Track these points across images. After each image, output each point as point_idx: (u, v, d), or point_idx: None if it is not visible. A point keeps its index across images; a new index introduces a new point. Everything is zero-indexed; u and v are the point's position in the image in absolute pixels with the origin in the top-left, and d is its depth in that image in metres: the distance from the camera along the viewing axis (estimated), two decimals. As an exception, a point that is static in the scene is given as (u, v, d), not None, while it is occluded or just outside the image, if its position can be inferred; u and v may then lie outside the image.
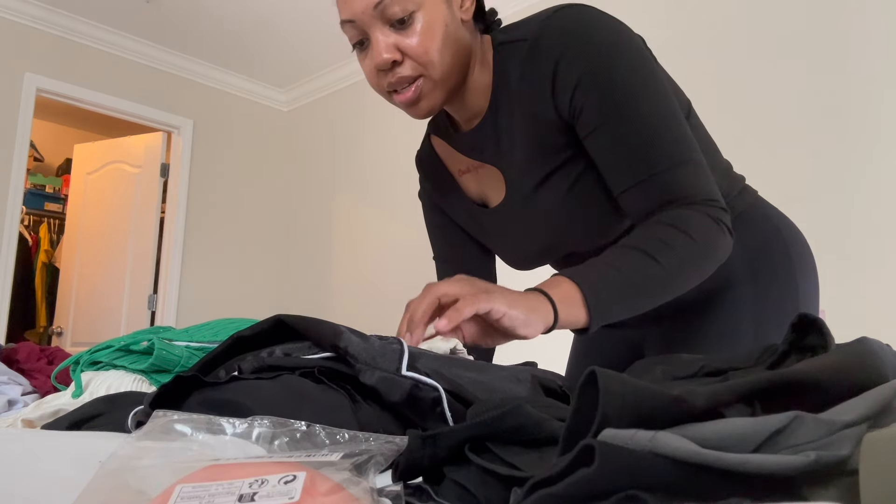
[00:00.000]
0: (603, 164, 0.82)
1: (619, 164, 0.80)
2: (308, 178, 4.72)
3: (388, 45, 0.82)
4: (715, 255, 0.79)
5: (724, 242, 0.79)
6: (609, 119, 0.79)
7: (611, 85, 0.79)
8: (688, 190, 0.78)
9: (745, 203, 0.94)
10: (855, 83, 2.36)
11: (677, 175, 0.78)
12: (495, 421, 0.39)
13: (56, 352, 1.42)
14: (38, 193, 5.34)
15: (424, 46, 0.82)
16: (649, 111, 0.79)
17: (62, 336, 4.41)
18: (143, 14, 3.90)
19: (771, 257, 0.91)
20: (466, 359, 0.71)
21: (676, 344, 0.93)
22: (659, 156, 0.78)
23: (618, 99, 0.79)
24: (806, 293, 0.91)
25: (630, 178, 0.79)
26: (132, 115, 4.25)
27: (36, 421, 0.89)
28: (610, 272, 0.74)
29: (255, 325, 0.66)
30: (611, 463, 0.27)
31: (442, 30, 0.82)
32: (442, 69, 0.83)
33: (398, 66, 0.83)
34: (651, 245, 0.75)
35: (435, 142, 1.06)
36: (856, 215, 2.29)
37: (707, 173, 0.80)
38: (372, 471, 0.38)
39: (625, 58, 0.81)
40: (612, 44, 0.81)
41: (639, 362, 0.56)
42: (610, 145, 0.80)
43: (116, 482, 0.37)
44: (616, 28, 0.83)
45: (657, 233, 0.76)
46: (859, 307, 2.21)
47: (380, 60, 0.82)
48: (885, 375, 0.33)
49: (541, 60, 0.82)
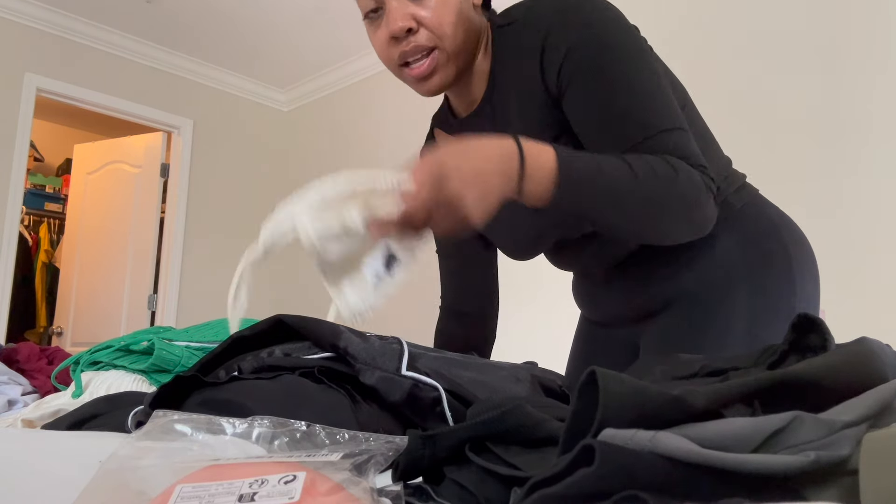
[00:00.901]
0: (589, 135, 0.81)
1: (607, 133, 0.79)
2: (308, 178, 4.71)
3: (405, 14, 0.83)
4: (691, 204, 0.77)
5: (706, 201, 0.78)
6: (597, 89, 0.79)
7: (598, 56, 0.79)
8: (681, 151, 0.77)
9: (743, 199, 0.93)
10: (855, 83, 2.36)
11: (669, 138, 0.77)
12: (495, 421, 0.39)
13: (56, 352, 1.42)
14: (38, 193, 5.33)
15: (440, 18, 0.83)
16: (637, 81, 0.79)
17: (62, 336, 4.41)
18: (143, 14, 3.90)
19: (768, 255, 0.90)
20: (466, 358, 0.71)
21: (672, 340, 0.92)
22: (649, 121, 0.78)
23: (605, 69, 0.79)
24: (804, 292, 0.90)
25: (621, 144, 0.78)
26: (132, 115, 4.24)
27: (36, 421, 0.89)
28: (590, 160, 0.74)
29: (255, 326, 0.66)
30: (611, 463, 0.27)
31: (457, 6, 0.84)
32: (455, 43, 0.85)
33: (413, 35, 0.84)
34: (636, 162, 0.74)
35: (438, 134, 1.06)
36: (856, 215, 2.29)
37: (695, 144, 0.80)
38: (372, 471, 0.38)
39: (612, 31, 0.81)
40: (599, 19, 0.81)
41: (638, 362, 0.56)
42: (597, 115, 0.80)
43: (116, 482, 0.37)
44: (604, 5, 0.83)
45: (648, 159, 0.75)
46: (859, 307, 2.21)
47: (395, 28, 0.83)
48: (885, 375, 0.33)
49: (531, 38, 0.83)
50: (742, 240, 0.89)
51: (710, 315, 0.89)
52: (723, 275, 0.89)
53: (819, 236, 2.55)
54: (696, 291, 0.89)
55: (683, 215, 0.79)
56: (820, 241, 2.54)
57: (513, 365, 0.75)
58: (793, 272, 0.90)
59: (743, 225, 0.90)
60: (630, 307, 0.98)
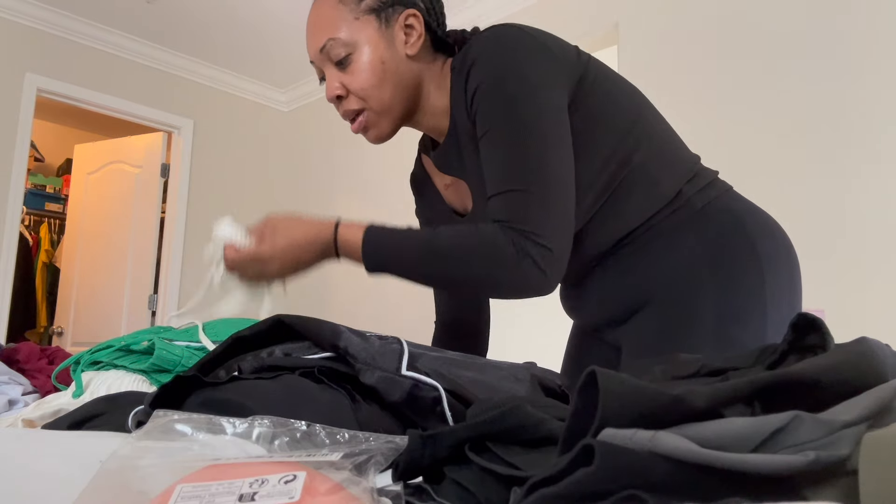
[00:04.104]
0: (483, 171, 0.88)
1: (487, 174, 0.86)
2: (308, 178, 4.72)
3: (334, 84, 0.94)
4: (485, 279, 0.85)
5: (511, 273, 0.82)
6: (487, 131, 0.86)
7: (495, 99, 0.85)
8: (519, 215, 0.82)
9: (708, 197, 0.93)
10: (859, 81, 2.36)
11: (510, 200, 0.83)
12: (495, 420, 0.39)
13: (56, 352, 1.42)
14: (38, 193, 5.33)
15: (361, 83, 0.93)
16: (511, 133, 0.84)
17: (62, 336, 4.41)
18: (143, 14, 3.90)
19: (733, 252, 0.90)
20: (466, 358, 0.71)
21: (647, 343, 0.93)
22: (505, 176, 0.84)
23: (490, 117, 0.85)
24: (775, 284, 0.89)
25: (488, 191, 0.86)
26: (132, 115, 4.24)
27: (36, 421, 0.89)
28: (396, 240, 0.88)
29: (255, 326, 0.66)
30: (610, 463, 0.27)
31: (380, 67, 0.93)
32: (381, 102, 0.94)
33: (344, 100, 0.95)
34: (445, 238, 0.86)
35: (424, 160, 1.13)
36: (855, 214, 2.29)
37: (548, 205, 0.83)
38: (372, 471, 0.38)
39: (516, 74, 0.85)
40: (512, 59, 0.85)
41: (638, 362, 0.56)
42: (485, 156, 0.87)
43: (117, 482, 0.37)
44: (526, 45, 0.87)
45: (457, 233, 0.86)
46: (859, 307, 2.21)
47: (328, 96, 0.96)
48: (885, 375, 0.33)
49: (462, 72, 0.90)
50: (704, 238, 0.90)
51: (679, 317, 0.90)
52: (687, 275, 0.90)
53: (819, 236, 2.55)
54: (663, 295, 0.91)
55: (483, 284, 0.88)
56: (820, 241, 2.53)
57: (512, 365, 0.75)
58: (761, 265, 0.89)
59: (706, 224, 0.91)
60: (603, 313, 1.00)
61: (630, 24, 2.99)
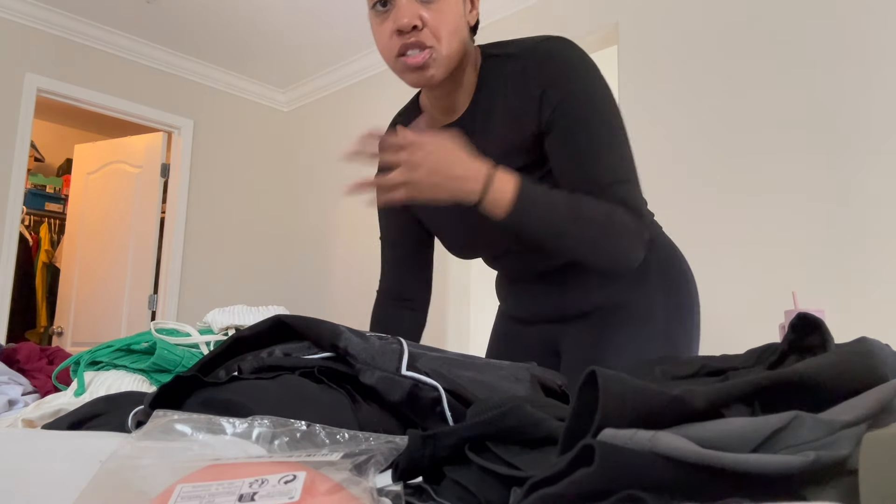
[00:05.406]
0: (563, 169, 0.98)
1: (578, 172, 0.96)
2: (308, 178, 4.72)
3: (413, 12, 0.95)
4: (621, 245, 0.95)
5: (632, 246, 0.96)
6: (577, 136, 0.96)
7: (583, 110, 0.96)
8: (630, 202, 0.96)
9: (655, 230, 1.12)
10: (854, 82, 2.36)
11: (623, 188, 0.95)
12: (495, 420, 0.39)
13: (56, 352, 1.42)
14: (38, 193, 5.33)
15: (441, 23, 0.96)
16: (608, 136, 0.96)
17: (62, 336, 4.41)
18: (143, 14, 3.90)
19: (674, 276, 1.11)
20: (466, 358, 0.71)
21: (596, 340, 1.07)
22: (610, 171, 0.96)
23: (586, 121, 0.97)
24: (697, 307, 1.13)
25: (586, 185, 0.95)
26: (132, 115, 4.24)
27: (36, 421, 0.89)
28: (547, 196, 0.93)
29: (255, 326, 0.66)
30: (610, 463, 0.27)
31: (455, 19, 0.98)
32: (450, 48, 0.98)
33: (418, 32, 0.96)
34: (586, 206, 0.93)
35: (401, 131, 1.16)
36: (855, 214, 2.29)
37: (641, 194, 0.99)
38: (372, 471, 0.38)
39: (596, 89, 0.98)
40: (588, 77, 0.98)
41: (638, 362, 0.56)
42: (573, 157, 0.97)
43: (117, 482, 0.37)
44: (591, 64, 1.00)
45: (596, 206, 0.94)
46: (859, 307, 2.21)
47: (403, 23, 0.94)
48: (885, 375, 0.34)
49: (529, 81, 0.98)
50: (657, 260, 1.08)
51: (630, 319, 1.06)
52: (642, 287, 1.07)
53: (820, 236, 2.55)
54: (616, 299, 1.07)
55: (609, 256, 0.96)
56: (821, 240, 2.53)
57: (512, 364, 0.75)
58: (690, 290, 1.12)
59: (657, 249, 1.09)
60: (553, 308, 1.13)
61: (630, 24, 2.99)
